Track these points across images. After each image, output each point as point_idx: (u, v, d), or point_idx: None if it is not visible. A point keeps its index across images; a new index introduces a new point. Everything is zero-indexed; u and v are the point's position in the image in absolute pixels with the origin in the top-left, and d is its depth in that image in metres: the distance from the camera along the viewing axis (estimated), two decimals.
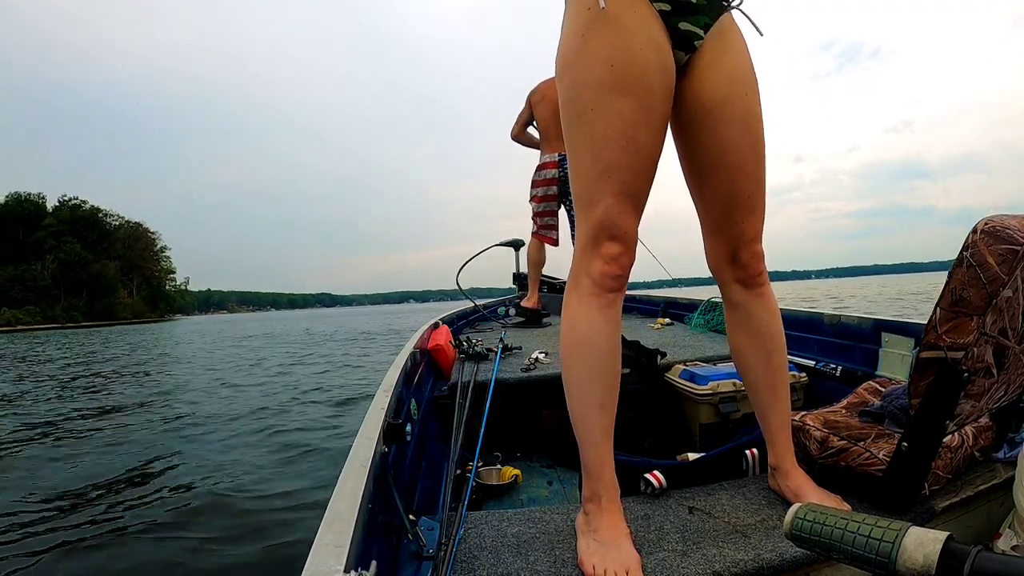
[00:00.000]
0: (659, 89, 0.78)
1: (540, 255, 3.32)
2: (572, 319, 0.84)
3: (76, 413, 5.22)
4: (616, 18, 0.76)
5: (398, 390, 1.15)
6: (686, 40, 0.80)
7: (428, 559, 0.76)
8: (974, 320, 0.75)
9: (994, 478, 0.93)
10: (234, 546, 2.14)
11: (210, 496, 2.68)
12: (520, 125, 3.31)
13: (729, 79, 0.82)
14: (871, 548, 0.49)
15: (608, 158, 0.77)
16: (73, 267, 63.03)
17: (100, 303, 65.66)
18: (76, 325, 54.90)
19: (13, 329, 49.10)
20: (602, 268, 0.81)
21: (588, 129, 0.78)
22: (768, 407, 0.94)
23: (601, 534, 0.78)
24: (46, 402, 5.98)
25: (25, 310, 57.68)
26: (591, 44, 0.77)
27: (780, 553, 0.76)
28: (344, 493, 0.65)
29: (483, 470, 1.50)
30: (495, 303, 4.01)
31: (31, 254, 64.35)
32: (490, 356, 1.91)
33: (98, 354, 13.47)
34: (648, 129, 0.78)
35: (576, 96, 0.79)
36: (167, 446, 3.74)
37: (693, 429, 1.51)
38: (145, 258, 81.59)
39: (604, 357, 0.82)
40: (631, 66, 0.75)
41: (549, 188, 3.14)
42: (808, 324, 1.83)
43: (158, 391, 6.36)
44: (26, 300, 59.69)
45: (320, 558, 0.52)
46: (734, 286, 0.92)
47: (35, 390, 7.01)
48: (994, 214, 0.78)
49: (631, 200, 0.80)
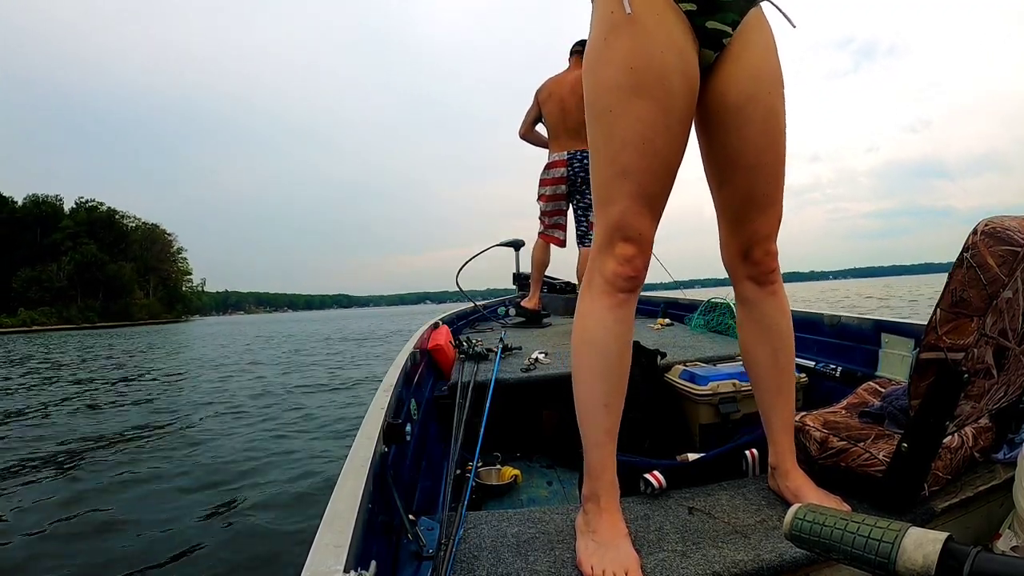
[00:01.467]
0: (679, 92, 0.78)
1: (544, 256, 3.26)
2: (583, 317, 0.85)
3: (70, 407, 5.22)
4: (637, 22, 0.76)
5: (398, 390, 1.15)
6: (714, 38, 0.80)
7: (428, 559, 0.76)
8: (974, 321, 0.75)
9: (994, 479, 0.93)
10: (235, 545, 2.14)
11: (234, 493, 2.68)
12: (528, 123, 3.25)
13: (754, 76, 0.82)
14: (871, 549, 0.49)
15: (625, 160, 0.78)
16: (89, 268, 63.27)
17: (116, 304, 65.85)
18: (92, 326, 54.98)
19: (29, 330, 49.18)
20: (615, 268, 0.81)
21: (607, 131, 0.79)
22: (772, 406, 0.94)
23: (600, 535, 0.78)
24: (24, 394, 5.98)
25: (40, 311, 57.91)
26: (612, 47, 0.78)
27: (780, 553, 0.76)
28: (344, 493, 0.65)
29: (483, 470, 1.50)
30: (495, 303, 4.01)
31: (48, 256, 64.77)
32: (490, 356, 1.91)
33: (99, 357, 13.42)
34: (667, 132, 0.78)
35: (596, 98, 0.80)
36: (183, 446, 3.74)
37: (693, 429, 1.51)
38: (162, 259, 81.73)
39: (611, 356, 0.82)
40: (651, 70, 0.76)
41: (558, 187, 3.09)
42: (808, 324, 1.83)
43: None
44: (43, 301, 60.00)
45: (320, 558, 0.52)
46: (746, 283, 0.93)
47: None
48: (995, 215, 0.78)
49: (647, 202, 0.80)
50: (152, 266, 79.21)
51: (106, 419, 4.82)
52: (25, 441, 4.07)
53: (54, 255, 64.40)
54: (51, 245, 65.55)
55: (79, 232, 67.84)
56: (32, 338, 29.68)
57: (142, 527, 2.35)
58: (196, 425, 4.40)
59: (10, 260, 63.27)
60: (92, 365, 10.43)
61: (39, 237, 67.09)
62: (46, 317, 57.10)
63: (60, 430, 4.41)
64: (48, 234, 67.02)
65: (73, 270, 62.63)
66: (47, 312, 58.34)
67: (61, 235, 66.29)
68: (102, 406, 5.53)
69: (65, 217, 70.44)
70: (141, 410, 5.21)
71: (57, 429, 4.46)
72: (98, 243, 68.61)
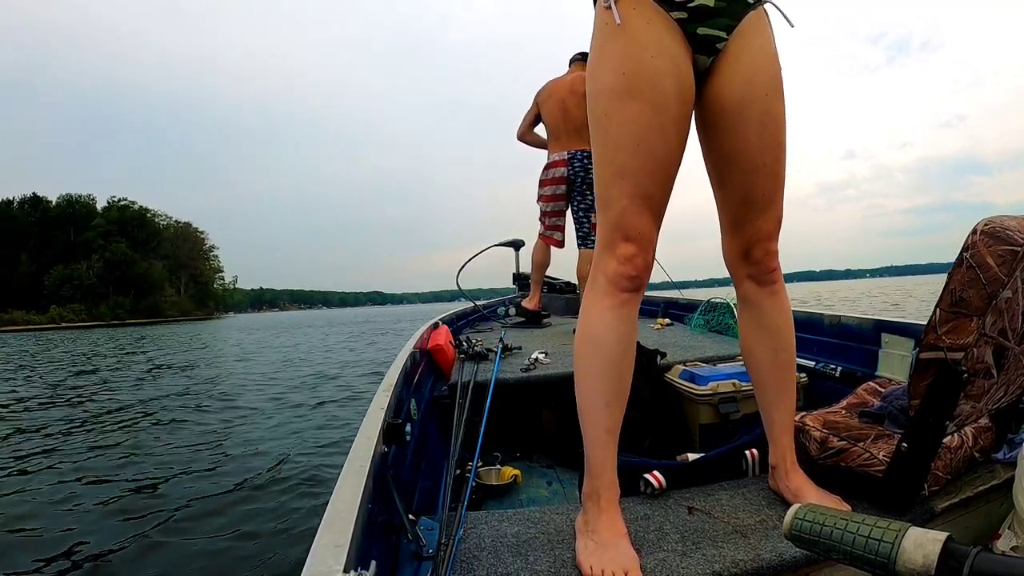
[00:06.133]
0: (672, 95, 0.80)
1: (544, 257, 3.26)
2: (586, 316, 0.86)
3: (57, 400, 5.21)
4: (629, 30, 0.80)
5: (398, 390, 1.15)
6: (707, 44, 0.82)
7: (428, 559, 0.76)
8: (974, 321, 0.75)
9: (994, 479, 0.93)
10: (234, 545, 2.14)
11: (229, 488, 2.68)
12: (527, 125, 3.25)
13: (748, 80, 0.83)
14: (871, 548, 0.49)
15: (621, 161, 0.81)
16: (119, 266, 63.44)
17: (146, 301, 66.00)
18: (121, 323, 54.99)
19: (57, 327, 49.06)
20: (617, 268, 0.83)
21: (605, 134, 0.82)
22: (772, 405, 0.94)
23: (599, 535, 0.78)
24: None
25: (70, 308, 58.16)
26: (607, 54, 0.82)
27: (780, 553, 0.76)
28: (344, 493, 0.65)
29: (483, 470, 1.51)
30: (495, 303, 4.01)
31: (81, 254, 64.99)
32: (490, 356, 1.91)
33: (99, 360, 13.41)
34: (661, 133, 0.80)
35: (595, 104, 0.83)
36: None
37: (693, 429, 1.51)
38: (193, 257, 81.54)
39: (613, 355, 0.83)
40: (642, 73, 0.79)
41: (558, 187, 3.08)
42: (808, 324, 1.83)
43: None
44: (74, 299, 60.32)
45: (320, 558, 0.52)
46: (747, 283, 0.94)
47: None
48: (995, 215, 0.78)
49: (646, 202, 0.81)
50: (184, 263, 79.04)
51: (117, 397, 4.82)
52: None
53: (87, 253, 64.64)
54: (83, 243, 65.67)
55: (111, 231, 67.97)
56: (38, 336, 29.60)
57: (142, 526, 2.34)
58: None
59: (45, 259, 63.76)
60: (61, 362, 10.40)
61: (72, 236, 67.28)
62: (75, 314, 57.31)
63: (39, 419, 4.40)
64: (81, 233, 67.16)
65: (103, 268, 62.82)
66: (76, 309, 58.55)
67: (93, 233, 66.35)
68: (97, 399, 5.53)
69: (98, 215, 70.50)
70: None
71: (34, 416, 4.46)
72: (130, 241, 68.68)
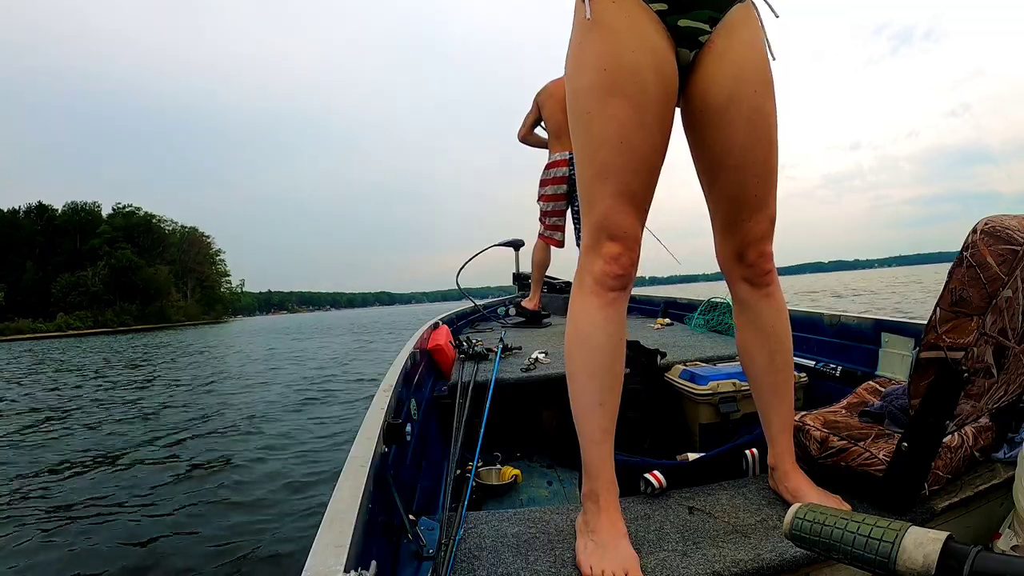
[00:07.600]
0: (653, 90, 0.78)
1: (545, 257, 3.27)
2: (574, 317, 0.85)
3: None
4: (607, 25, 0.78)
5: (398, 390, 1.15)
6: (689, 36, 0.80)
7: (428, 559, 0.76)
8: (974, 320, 0.75)
9: (994, 478, 0.93)
10: (235, 545, 2.14)
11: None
12: (527, 126, 3.27)
13: (735, 76, 0.81)
14: (871, 548, 0.48)
15: (603, 159, 0.79)
16: (124, 272, 63.67)
17: (152, 307, 66.21)
18: (128, 329, 55.10)
19: (63, 335, 49.22)
20: (603, 268, 0.82)
21: (586, 132, 0.80)
22: (770, 407, 0.94)
23: (599, 535, 0.78)
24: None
25: (76, 315, 58.37)
26: (585, 51, 0.80)
27: (780, 553, 0.76)
28: (344, 493, 0.65)
29: (483, 470, 1.50)
30: (495, 303, 4.00)
31: (87, 261, 65.29)
32: (490, 356, 1.90)
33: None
34: (643, 130, 0.78)
35: (575, 103, 0.82)
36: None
37: (693, 429, 1.51)
38: (200, 261, 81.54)
39: (603, 355, 0.82)
40: (622, 69, 0.77)
41: (558, 187, 3.11)
42: (808, 324, 1.83)
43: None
44: (81, 305, 60.52)
45: (320, 558, 0.52)
46: (742, 284, 0.93)
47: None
48: (995, 214, 0.78)
49: (630, 201, 0.80)
50: (190, 268, 79.08)
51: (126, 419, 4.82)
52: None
53: (93, 260, 64.90)
54: (90, 250, 66.02)
55: (117, 237, 68.29)
56: (32, 345, 29.59)
57: (142, 526, 2.34)
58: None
59: (51, 266, 64.08)
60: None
61: (78, 243, 67.60)
62: (81, 321, 57.53)
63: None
64: (87, 240, 67.51)
65: (108, 275, 63.04)
66: (83, 316, 58.76)
67: (99, 240, 66.69)
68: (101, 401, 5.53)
69: (103, 222, 70.76)
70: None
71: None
72: (136, 247, 68.92)
